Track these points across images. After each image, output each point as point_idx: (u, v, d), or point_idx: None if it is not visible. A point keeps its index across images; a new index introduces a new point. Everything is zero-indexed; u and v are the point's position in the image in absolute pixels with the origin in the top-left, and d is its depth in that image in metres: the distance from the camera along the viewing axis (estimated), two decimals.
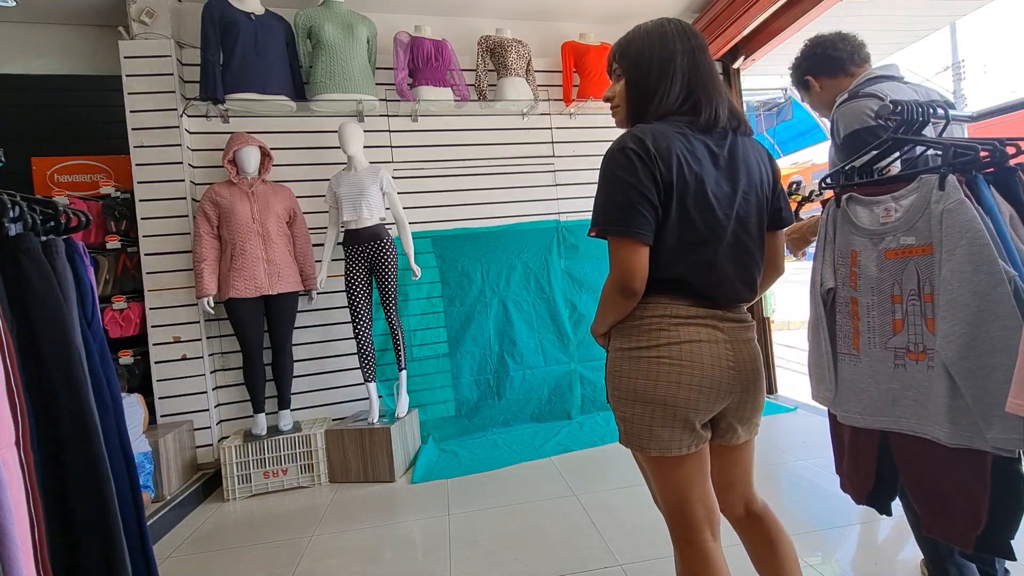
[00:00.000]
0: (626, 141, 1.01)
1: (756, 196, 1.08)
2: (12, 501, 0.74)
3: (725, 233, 1.04)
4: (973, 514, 1.05)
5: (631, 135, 1.02)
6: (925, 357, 1.12)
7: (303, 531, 2.27)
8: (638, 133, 1.01)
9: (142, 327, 2.87)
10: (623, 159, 1.00)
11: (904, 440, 1.17)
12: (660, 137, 1.00)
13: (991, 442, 0.99)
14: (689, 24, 1.12)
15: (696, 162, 1.01)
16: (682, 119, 1.05)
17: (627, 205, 0.98)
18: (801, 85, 1.66)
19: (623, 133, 1.05)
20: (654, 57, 1.07)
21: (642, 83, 1.09)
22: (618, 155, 1.01)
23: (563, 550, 1.94)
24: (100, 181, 3.03)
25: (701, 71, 1.07)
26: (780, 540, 1.15)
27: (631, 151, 0.99)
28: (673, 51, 1.07)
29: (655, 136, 1.00)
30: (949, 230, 1.04)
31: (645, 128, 1.02)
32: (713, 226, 1.03)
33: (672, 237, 1.01)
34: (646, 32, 1.10)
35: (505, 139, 3.54)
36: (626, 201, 0.99)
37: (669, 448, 1.03)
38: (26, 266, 0.90)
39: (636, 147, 0.99)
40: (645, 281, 1.01)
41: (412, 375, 3.24)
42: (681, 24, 1.11)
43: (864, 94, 1.39)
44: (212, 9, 2.80)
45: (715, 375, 1.03)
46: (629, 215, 0.98)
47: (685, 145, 1.02)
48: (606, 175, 1.03)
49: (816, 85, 1.61)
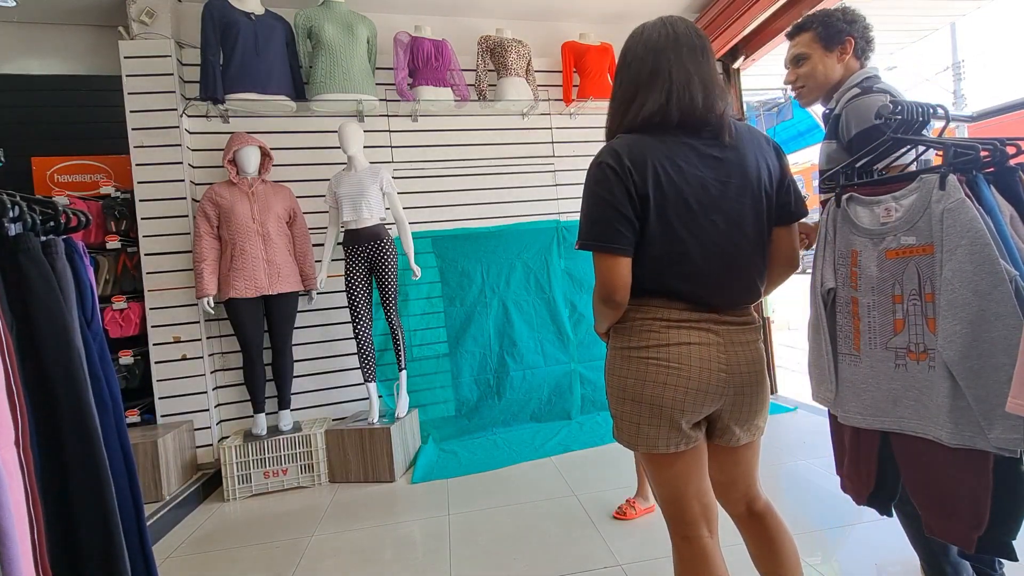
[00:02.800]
0: (603, 156, 1.03)
1: (753, 194, 1.06)
2: (12, 501, 0.74)
3: (711, 239, 1.03)
4: (975, 514, 1.05)
5: (608, 149, 1.03)
6: (926, 357, 1.11)
7: (303, 531, 2.27)
8: (615, 146, 1.03)
9: (142, 327, 2.86)
10: (599, 174, 1.02)
11: (905, 441, 1.17)
12: (636, 150, 1.01)
13: (993, 442, 0.99)
14: (688, 23, 1.09)
15: (676, 171, 1.01)
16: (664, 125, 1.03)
17: (603, 220, 1.01)
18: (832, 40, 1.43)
19: (603, 147, 1.06)
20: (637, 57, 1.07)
21: (625, 84, 1.09)
22: (595, 170, 1.03)
23: (563, 550, 1.94)
24: (100, 181, 3.03)
25: (693, 72, 1.04)
26: (781, 539, 1.15)
27: (606, 166, 1.01)
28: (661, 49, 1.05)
29: (631, 149, 1.01)
30: (950, 230, 1.04)
31: (622, 141, 1.04)
32: (698, 234, 1.02)
33: (655, 247, 1.02)
34: (640, 31, 1.10)
35: (505, 139, 3.54)
36: (602, 217, 1.01)
37: (656, 446, 1.05)
38: (26, 266, 0.90)
39: (611, 162, 1.01)
40: (628, 291, 1.03)
41: (412, 375, 3.24)
42: (681, 23, 1.08)
43: (878, 89, 1.33)
44: (212, 9, 2.80)
45: (703, 378, 1.03)
46: (606, 230, 1.00)
47: (664, 154, 1.01)
48: (586, 190, 1.05)
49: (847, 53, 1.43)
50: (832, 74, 1.45)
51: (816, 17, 1.47)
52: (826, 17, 1.45)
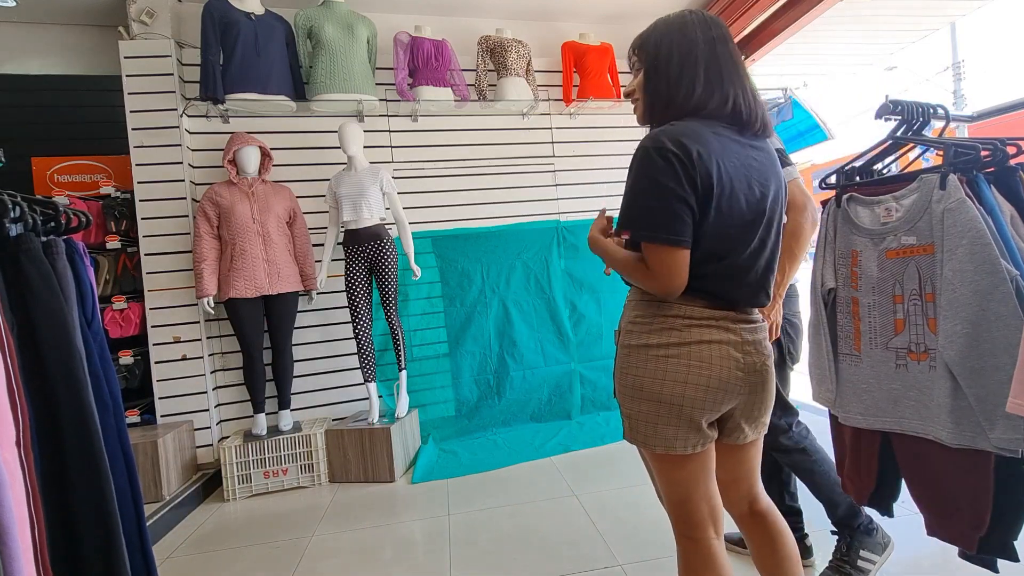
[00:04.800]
0: (665, 143, 0.96)
1: (780, 200, 1.06)
2: (13, 501, 0.74)
3: (751, 238, 1.02)
4: (976, 515, 1.05)
5: (670, 137, 0.96)
6: (927, 357, 1.11)
7: (303, 531, 2.27)
8: (677, 134, 0.96)
9: (142, 327, 2.86)
10: (662, 161, 0.95)
11: (906, 441, 1.17)
12: (700, 140, 0.96)
13: (994, 442, 0.99)
14: (712, 15, 1.08)
15: (732, 167, 0.98)
16: (716, 117, 1.01)
17: (667, 210, 0.95)
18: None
19: (656, 132, 0.99)
20: (674, 46, 1.03)
21: (662, 74, 1.04)
22: (656, 156, 0.96)
23: (563, 550, 1.94)
24: (100, 181, 3.03)
25: (725, 62, 1.02)
26: (782, 539, 1.15)
27: (671, 153, 0.94)
28: (694, 40, 1.03)
29: (696, 138, 0.96)
30: (950, 230, 1.04)
31: (683, 128, 0.98)
32: (741, 232, 1.01)
33: (704, 242, 0.98)
34: (665, 23, 1.07)
35: (505, 139, 3.54)
36: (666, 206, 0.95)
37: (674, 447, 1.03)
38: (27, 266, 0.90)
39: (678, 151, 0.94)
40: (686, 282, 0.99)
41: (412, 375, 3.24)
42: (703, 14, 1.07)
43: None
44: (212, 9, 2.80)
45: (723, 376, 1.02)
46: (671, 221, 0.95)
47: (721, 148, 0.98)
48: (642, 176, 0.98)
49: None
50: None
51: None
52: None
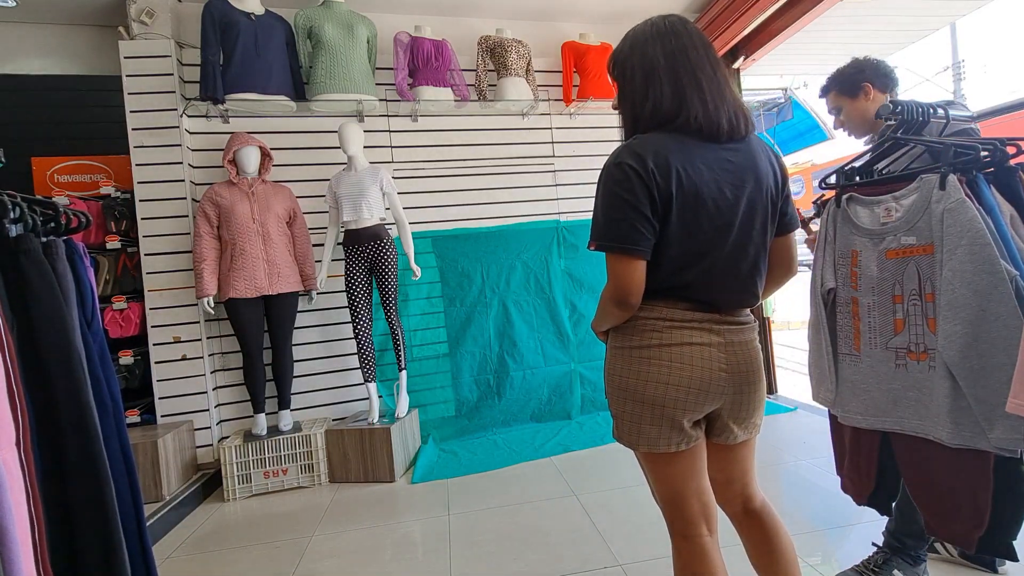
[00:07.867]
0: (623, 156, 1.01)
1: (762, 200, 1.07)
2: (12, 501, 0.74)
3: (726, 241, 1.03)
4: (976, 514, 1.05)
5: (628, 150, 1.01)
6: (926, 357, 1.12)
7: (303, 531, 2.27)
8: (636, 148, 1.01)
9: (142, 327, 2.86)
10: (620, 175, 1.00)
11: (906, 441, 1.17)
12: (658, 151, 0.99)
13: (993, 442, 0.99)
14: (685, 21, 1.08)
15: (696, 173, 1.00)
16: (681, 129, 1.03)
17: (623, 222, 0.99)
18: (850, 92, 1.61)
19: (621, 146, 1.04)
20: (636, 65, 1.06)
21: (628, 93, 1.09)
22: (615, 170, 1.01)
23: (563, 550, 1.94)
24: (100, 181, 3.03)
25: (686, 74, 1.03)
26: (779, 539, 1.15)
27: (628, 167, 0.99)
28: (654, 57, 1.04)
29: (654, 151, 0.99)
30: (950, 230, 1.04)
31: (643, 141, 1.02)
32: (714, 236, 1.02)
33: (673, 248, 1.02)
34: (631, 40, 1.10)
35: (505, 139, 3.54)
36: (623, 218, 0.99)
37: (657, 445, 1.05)
38: (26, 267, 0.90)
39: (634, 163, 0.99)
40: (641, 294, 1.03)
41: (412, 375, 3.24)
42: (668, 24, 1.07)
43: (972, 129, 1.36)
44: (212, 9, 2.80)
45: (704, 377, 1.03)
46: (626, 232, 0.99)
47: (685, 156, 1.00)
48: (604, 190, 1.03)
49: (869, 94, 1.59)
50: (870, 111, 1.58)
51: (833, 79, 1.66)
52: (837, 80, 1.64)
